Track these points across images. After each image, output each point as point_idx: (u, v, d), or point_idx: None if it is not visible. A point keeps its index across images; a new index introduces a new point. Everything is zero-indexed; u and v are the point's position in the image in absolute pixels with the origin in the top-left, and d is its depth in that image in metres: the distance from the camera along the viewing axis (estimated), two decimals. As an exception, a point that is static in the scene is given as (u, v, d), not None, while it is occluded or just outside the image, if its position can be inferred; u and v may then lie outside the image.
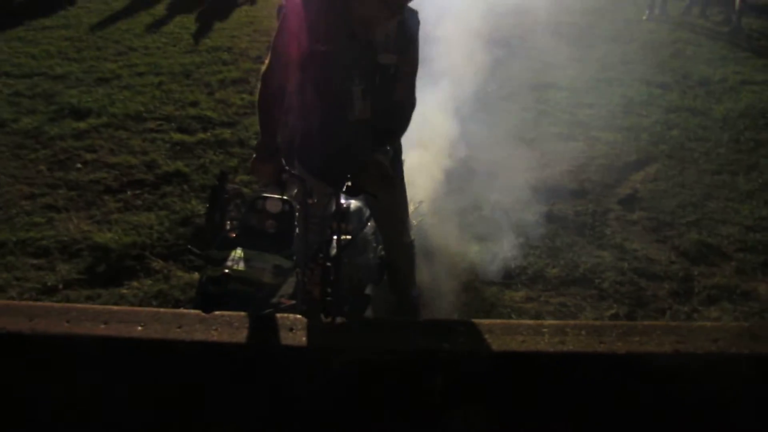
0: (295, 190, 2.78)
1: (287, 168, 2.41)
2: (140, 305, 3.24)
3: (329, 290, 2.57)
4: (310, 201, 2.44)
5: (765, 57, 7.39)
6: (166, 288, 3.42)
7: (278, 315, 1.89)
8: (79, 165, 4.78)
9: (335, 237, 2.65)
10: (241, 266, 3.08)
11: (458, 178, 4.18)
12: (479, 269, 3.51)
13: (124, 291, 3.42)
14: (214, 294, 2.85)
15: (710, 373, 1.52)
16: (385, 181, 2.26)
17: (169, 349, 1.67)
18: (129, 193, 4.40)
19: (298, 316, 1.76)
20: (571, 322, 2.01)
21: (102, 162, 4.82)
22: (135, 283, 3.49)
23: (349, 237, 2.82)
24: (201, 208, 4.16)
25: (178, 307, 3.17)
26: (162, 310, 1.82)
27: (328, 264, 2.58)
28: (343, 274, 2.69)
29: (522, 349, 1.56)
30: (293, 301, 2.78)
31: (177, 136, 5.23)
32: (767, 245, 3.76)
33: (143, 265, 3.62)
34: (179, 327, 1.71)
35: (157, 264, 3.63)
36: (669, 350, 1.53)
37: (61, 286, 3.44)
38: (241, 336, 1.66)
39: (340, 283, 2.65)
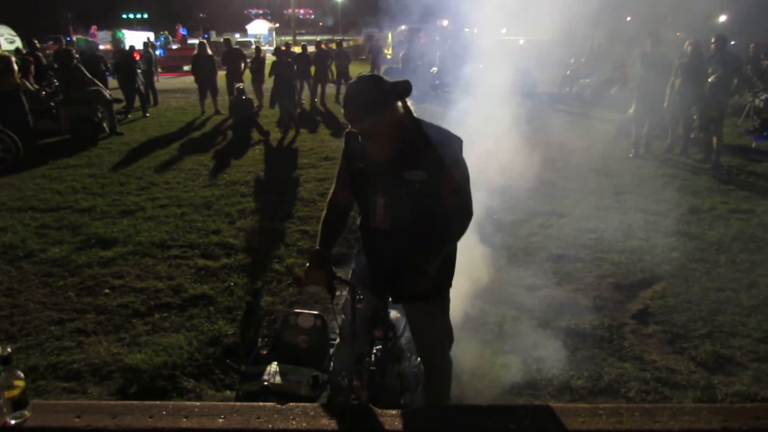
0: (342, 301, 2.94)
1: (338, 275, 2.61)
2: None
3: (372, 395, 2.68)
4: (358, 306, 2.59)
5: (746, 189, 7.86)
6: (199, 406, 3.46)
7: (350, 404, 1.99)
8: (107, 290, 4.91)
9: (379, 343, 2.80)
10: (278, 380, 3.16)
11: (477, 296, 4.37)
12: (505, 382, 3.59)
13: (157, 410, 3.45)
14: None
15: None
16: (427, 288, 2.42)
17: (252, 438, 1.77)
18: (157, 315, 4.50)
19: (368, 404, 1.88)
20: (624, 405, 2.12)
21: (129, 287, 4.96)
22: (167, 402, 3.53)
23: (389, 344, 2.95)
24: (228, 328, 4.27)
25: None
26: (238, 403, 1.93)
27: (373, 368, 2.71)
28: (386, 381, 2.79)
29: (583, 428, 1.69)
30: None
31: (201, 262, 5.43)
32: (780, 356, 3.90)
33: (175, 385, 3.65)
34: (258, 418, 1.81)
35: (188, 383, 3.67)
36: (718, 427, 1.67)
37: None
38: (320, 423, 1.77)
39: (384, 389, 2.75)
